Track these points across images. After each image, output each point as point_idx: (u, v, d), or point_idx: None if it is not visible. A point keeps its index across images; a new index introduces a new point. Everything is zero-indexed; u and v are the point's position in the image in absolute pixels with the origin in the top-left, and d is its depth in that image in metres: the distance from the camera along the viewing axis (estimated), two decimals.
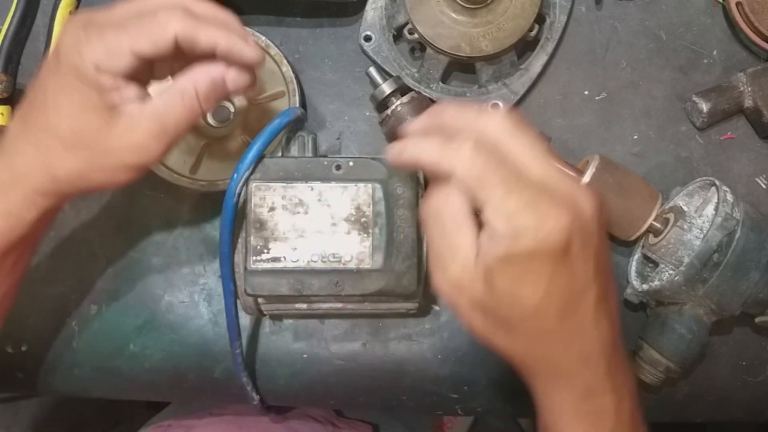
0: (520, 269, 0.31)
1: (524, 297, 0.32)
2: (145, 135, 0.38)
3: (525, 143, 0.33)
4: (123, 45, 0.37)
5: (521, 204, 0.31)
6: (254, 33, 0.55)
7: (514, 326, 0.33)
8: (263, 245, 0.45)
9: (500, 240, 0.31)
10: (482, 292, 0.33)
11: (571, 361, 0.34)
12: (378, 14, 0.57)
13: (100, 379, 0.57)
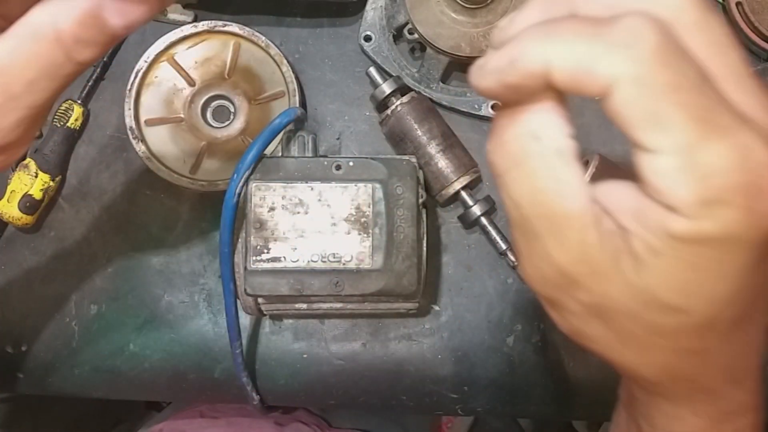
0: (705, 261, 0.20)
1: (692, 306, 0.21)
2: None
3: (723, 43, 0.20)
4: None
5: (731, 159, 0.19)
6: (254, 33, 0.55)
7: (659, 338, 0.22)
8: (263, 245, 0.45)
9: (676, 220, 0.19)
10: (614, 288, 0.21)
11: (724, 380, 0.25)
12: (378, 14, 0.57)
13: (100, 379, 0.57)
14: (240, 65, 0.56)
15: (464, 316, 0.56)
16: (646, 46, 0.19)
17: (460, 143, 0.55)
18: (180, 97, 0.56)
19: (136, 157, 0.55)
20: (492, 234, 0.55)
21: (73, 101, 0.56)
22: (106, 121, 0.58)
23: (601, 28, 0.19)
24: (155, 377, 0.57)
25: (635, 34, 0.19)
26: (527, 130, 0.22)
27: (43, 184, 0.55)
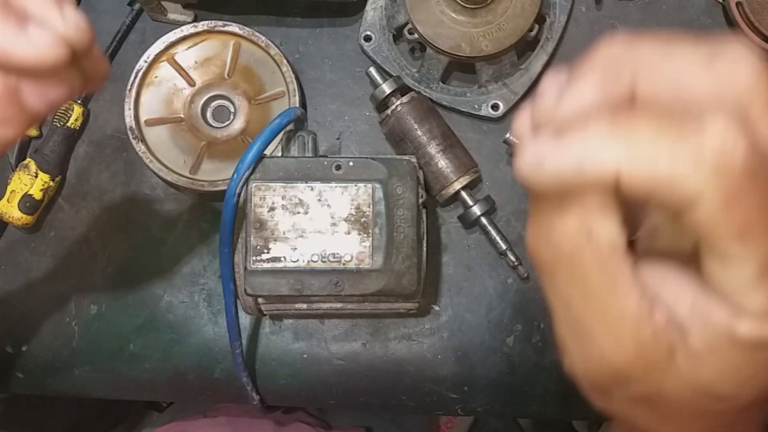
0: (746, 363, 0.21)
1: (730, 393, 0.22)
2: None
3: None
4: None
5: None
6: (254, 33, 0.55)
7: (704, 418, 0.24)
8: (263, 245, 0.45)
9: (734, 321, 0.20)
10: (668, 381, 0.21)
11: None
12: (378, 14, 0.57)
13: (100, 379, 0.57)
14: (240, 65, 0.56)
15: (464, 316, 0.56)
16: (737, 161, 0.18)
17: (460, 143, 0.55)
18: (180, 97, 0.56)
19: (136, 157, 0.55)
20: (492, 234, 0.55)
21: (73, 101, 0.56)
22: (105, 121, 0.58)
23: (684, 132, 0.18)
24: (155, 377, 0.57)
25: (724, 143, 0.18)
26: (581, 227, 0.20)
27: (43, 184, 0.55)
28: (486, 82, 0.56)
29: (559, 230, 0.21)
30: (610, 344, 0.21)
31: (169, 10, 0.57)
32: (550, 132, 0.19)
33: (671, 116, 0.18)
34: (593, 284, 0.21)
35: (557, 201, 0.21)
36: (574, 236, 0.21)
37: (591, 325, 0.21)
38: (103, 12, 0.59)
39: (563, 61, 0.58)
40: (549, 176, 0.20)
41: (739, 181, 0.18)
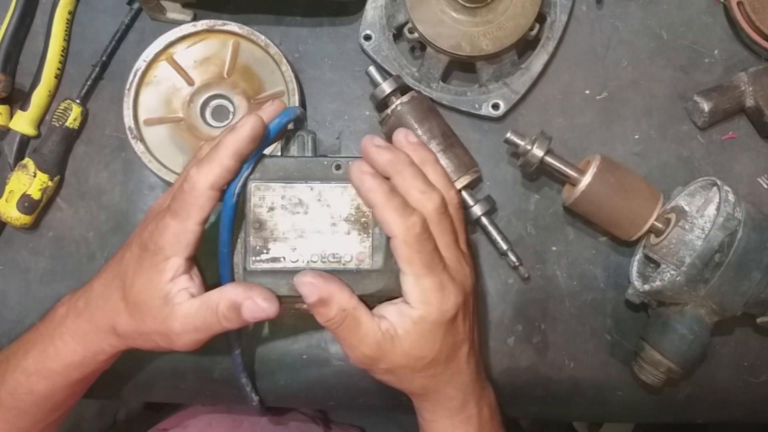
0: (422, 335, 0.42)
1: (425, 354, 0.43)
2: (177, 327, 0.43)
3: (448, 230, 0.43)
4: (188, 226, 0.42)
5: (435, 284, 0.41)
6: (253, 32, 0.55)
7: (414, 374, 0.44)
8: (262, 245, 0.44)
9: (411, 311, 0.42)
10: (395, 356, 0.42)
11: (451, 390, 0.46)
12: (378, 13, 0.56)
13: (99, 380, 0.56)
14: (239, 64, 0.56)
15: None
16: (416, 229, 0.40)
17: (460, 143, 0.54)
18: (179, 97, 0.55)
19: (135, 157, 0.55)
20: (493, 234, 0.54)
21: (72, 101, 0.56)
22: (104, 120, 0.58)
23: (404, 208, 0.41)
24: (154, 378, 0.56)
25: (415, 222, 0.40)
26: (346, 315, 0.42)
27: (42, 183, 0.55)
28: (486, 82, 0.56)
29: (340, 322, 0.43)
30: (362, 346, 0.42)
31: (168, 10, 0.57)
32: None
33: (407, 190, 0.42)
34: (354, 328, 0.42)
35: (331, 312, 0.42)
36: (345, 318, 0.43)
37: (354, 341, 0.42)
38: (102, 11, 0.58)
39: (564, 61, 0.58)
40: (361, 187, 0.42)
41: (414, 241, 0.40)
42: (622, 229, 0.52)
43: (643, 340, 0.52)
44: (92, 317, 0.46)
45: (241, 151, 0.41)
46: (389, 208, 0.40)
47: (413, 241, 0.40)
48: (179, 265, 0.43)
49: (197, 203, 0.41)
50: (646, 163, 0.57)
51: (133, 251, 0.44)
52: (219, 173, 0.41)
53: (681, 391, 0.57)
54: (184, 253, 0.43)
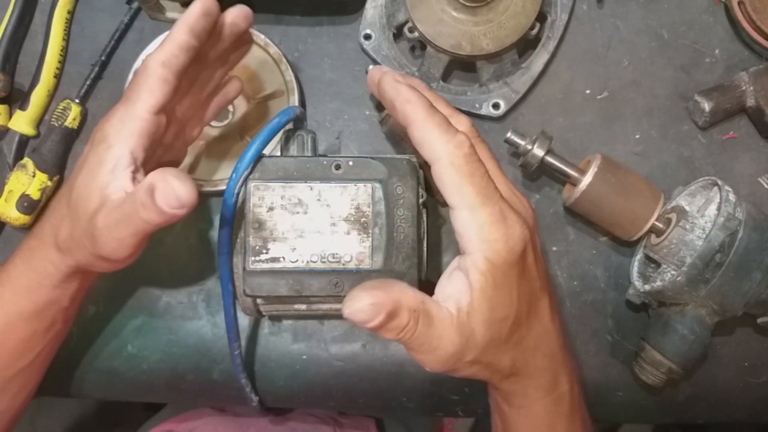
0: (496, 286, 0.35)
1: (507, 314, 0.36)
2: (100, 222, 0.37)
3: (489, 155, 0.38)
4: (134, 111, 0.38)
5: (496, 214, 0.35)
6: (253, 32, 0.55)
7: (500, 349, 0.37)
8: (262, 245, 0.44)
9: (475, 258, 0.35)
10: (477, 338, 0.35)
11: (541, 359, 0.39)
12: (378, 12, 0.56)
13: (98, 381, 0.56)
14: (239, 64, 0.55)
15: None
16: (466, 142, 0.35)
17: None
18: None
19: None
20: None
21: (71, 100, 0.56)
22: None
23: (448, 123, 0.36)
24: (153, 378, 0.56)
25: (462, 135, 0.35)
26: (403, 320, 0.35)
27: (41, 183, 0.55)
28: (487, 81, 0.55)
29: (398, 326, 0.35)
30: (447, 341, 0.35)
31: (167, 9, 0.57)
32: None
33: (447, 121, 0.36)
34: (424, 330, 0.35)
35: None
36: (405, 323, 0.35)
37: (428, 345, 0.35)
38: (101, 10, 0.58)
39: (565, 60, 0.58)
40: (394, 99, 0.37)
41: (466, 157, 0.34)
42: (622, 229, 0.52)
43: (644, 341, 0.52)
44: (40, 232, 0.42)
45: (192, 25, 0.38)
46: (432, 123, 0.35)
47: (463, 163, 0.34)
48: (121, 156, 0.38)
49: (146, 83, 0.38)
50: (647, 162, 0.57)
51: (84, 151, 0.40)
52: (170, 49, 0.38)
53: (682, 392, 0.57)
54: (128, 142, 0.38)
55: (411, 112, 0.35)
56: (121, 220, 0.37)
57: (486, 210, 0.34)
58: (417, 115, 0.35)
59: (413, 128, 0.35)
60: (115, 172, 0.38)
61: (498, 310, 0.35)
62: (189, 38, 0.38)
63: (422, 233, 0.47)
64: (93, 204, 0.37)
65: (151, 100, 0.38)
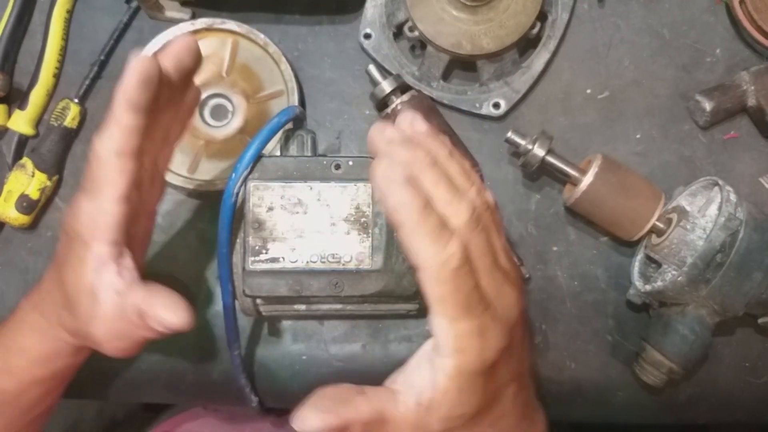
0: (461, 391, 0.34)
1: (466, 411, 0.35)
2: (100, 333, 0.38)
3: (485, 250, 0.34)
4: (102, 206, 0.36)
5: (473, 329, 0.33)
6: (252, 31, 0.54)
7: (457, 427, 0.36)
8: (262, 245, 0.44)
9: (445, 364, 0.34)
10: (433, 429, 0.35)
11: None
12: (378, 12, 0.56)
13: (98, 381, 0.56)
14: (238, 63, 0.55)
15: None
16: (452, 264, 0.31)
17: (461, 142, 0.54)
18: None
19: None
20: None
21: (70, 100, 0.56)
22: (103, 119, 0.57)
23: (439, 236, 0.31)
24: (153, 379, 0.56)
25: (451, 256, 0.31)
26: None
27: (40, 183, 0.54)
28: (487, 81, 0.55)
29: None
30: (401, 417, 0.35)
31: (166, 8, 0.56)
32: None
33: (443, 205, 0.33)
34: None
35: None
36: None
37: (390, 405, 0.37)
38: (100, 10, 0.58)
39: (565, 59, 0.57)
40: (384, 199, 0.32)
41: (449, 280, 0.31)
42: (623, 229, 0.52)
43: (645, 341, 0.52)
44: (44, 312, 0.43)
45: (134, 100, 0.34)
46: (421, 233, 0.31)
47: (449, 278, 0.31)
48: (102, 254, 0.37)
49: (106, 177, 0.35)
50: (648, 162, 0.57)
51: (61, 239, 0.39)
52: (119, 136, 0.35)
53: (682, 392, 0.56)
54: (104, 237, 0.36)
55: (400, 216, 0.31)
56: (119, 336, 0.38)
57: (465, 324, 0.33)
58: (406, 221, 0.31)
59: (401, 232, 0.31)
60: (99, 271, 0.37)
61: (458, 409, 0.35)
62: (135, 117, 0.35)
63: None
64: (85, 306, 0.37)
65: (115, 192, 0.36)
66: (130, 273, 0.38)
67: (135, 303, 0.37)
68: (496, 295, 0.34)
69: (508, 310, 0.35)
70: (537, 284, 0.56)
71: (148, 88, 0.34)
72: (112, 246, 0.37)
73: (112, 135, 0.34)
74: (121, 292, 0.37)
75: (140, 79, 0.34)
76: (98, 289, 0.37)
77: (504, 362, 0.35)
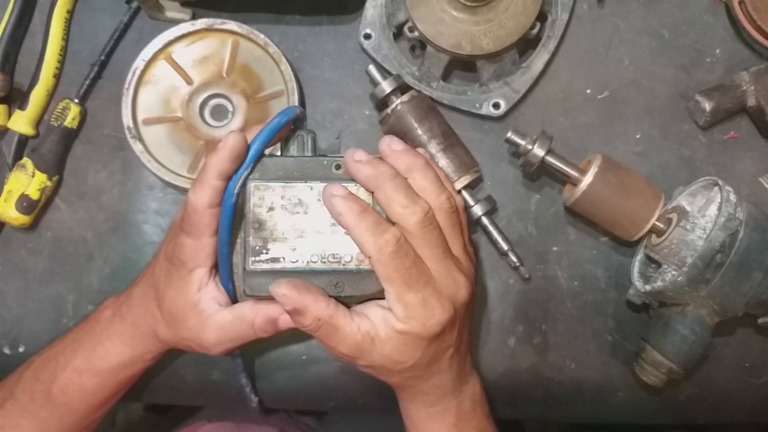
0: (404, 343, 0.43)
1: (405, 360, 0.43)
2: (212, 338, 0.46)
3: (434, 242, 0.42)
4: (202, 242, 0.45)
5: (417, 300, 0.42)
6: (253, 31, 0.54)
7: (394, 373, 0.45)
8: (262, 245, 0.44)
9: (395, 322, 0.42)
10: (374, 357, 0.43)
11: (429, 387, 0.47)
12: (378, 12, 0.56)
13: None
14: (238, 63, 0.55)
15: None
16: (389, 248, 0.41)
17: (460, 142, 0.54)
18: (178, 96, 0.55)
19: (134, 157, 0.54)
20: (493, 234, 0.54)
21: (71, 100, 0.56)
22: (103, 120, 0.58)
23: (378, 227, 0.42)
24: (153, 379, 0.56)
25: (388, 242, 0.41)
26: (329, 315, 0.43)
27: (40, 183, 0.54)
28: (487, 81, 0.55)
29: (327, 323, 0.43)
30: (344, 347, 0.43)
31: (166, 8, 0.56)
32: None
33: (385, 200, 0.43)
34: (338, 326, 0.43)
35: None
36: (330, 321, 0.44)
37: (335, 335, 0.43)
38: (100, 10, 0.58)
39: (565, 60, 0.57)
40: (336, 206, 0.43)
41: (389, 260, 0.41)
42: (623, 229, 0.52)
43: (645, 341, 0.52)
44: (135, 323, 0.48)
45: (224, 171, 0.43)
46: (360, 229, 0.41)
47: (388, 260, 0.41)
48: (203, 275, 0.46)
49: (202, 221, 0.44)
50: (648, 162, 0.57)
51: (161, 264, 0.47)
52: (210, 194, 0.43)
53: (682, 392, 0.56)
54: (205, 264, 0.45)
55: (343, 222, 0.42)
56: (236, 339, 0.46)
57: (408, 296, 0.41)
58: (348, 224, 0.42)
59: (349, 233, 0.42)
60: (203, 291, 0.46)
61: (396, 356, 0.43)
62: (222, 181, 0.43)
63: None
64: (191, 319, 0.46)
65: (210, 230, 0.44)
66: (221, 287, 0.47)
67: (267, 314, 0.45)
68: (443, 278, 0.43)
69: (455, 291, 0.43)
70: (537, 284, 0.56)
71: (234, 163, 0.43)
72: (210, 270, 0.46)
73: (205, 193, 0.43)
74: (221, 303, 0.46)
75: (231, 156, 0.43)
76: (202, 304, 0.46)
77: (448, 332, 0.44)
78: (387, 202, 0.42)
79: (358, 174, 0.43)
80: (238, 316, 0.46)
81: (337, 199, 0.42)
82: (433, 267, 0.43)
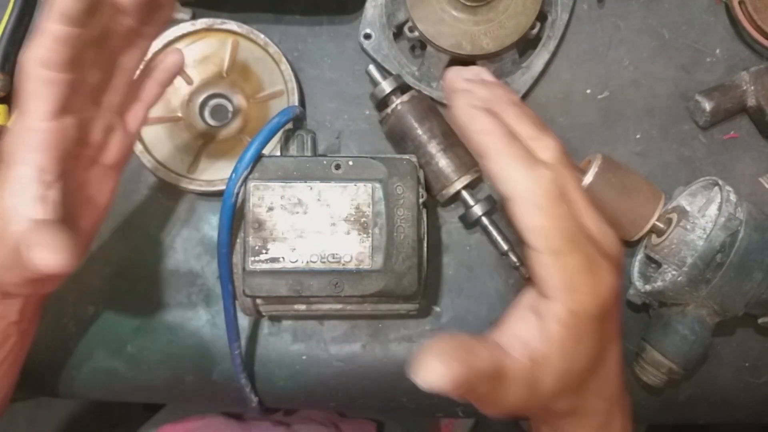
0: (572, 337, 0.31)
1: (580, 366, 0.32)
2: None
3: (578, 186, 0.32)
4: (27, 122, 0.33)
5: (583, 262, 0.30)
6: (252, 31, 0.54)
7: (563, 392, 0.33)
8: (262, 245, 0.44)
9: (556, 306, 0.30)
10: (545, 386, 0.31)
11: (599, 401, 0.35)
12: (378, 12, 0.56)
13: (97, 381, 0.56)
14: (238, 63, 0.55)
15: (465, 317, 0.56)
16: (544, 185, 0.30)
17: (460, 142, 0.54)
18: (178, 96, 0.55)
19: (134, 156, 0.54)
20: (493, 234, 0.54)
21: None
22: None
23: (529, 160, 0.30)
24: (153, 379, 0.56)
25: (543, 176, 0.30)
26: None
27: None
28: None
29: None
30: (512, 396, 0.31)
31: None
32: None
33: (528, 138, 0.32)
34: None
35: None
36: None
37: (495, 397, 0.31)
38: None
39: (565, 60, 0.57)
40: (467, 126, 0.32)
41: (547, 204, 0.30)
42: (623, 229, 0.52)
43: (645, 341, 0.52)
44: None
45: (64, 10, 0.31)
46: (510, 156, 0.30)
47: (547, 202, 0.29)
48: (23, 176, 0.33)
49: (31, 89, 0.33)
50: (648, 162, 0.57)
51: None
52: (45, 44, 0.32)
53: (682, 392, 0.56)
54: (27, 158, 0.33)
55: (486, 142, 0.30)
56: (8, 266, 0.34)
57: (573, 257, 0.30)
58: (493, 147, 0.30)
59: (488, 161, 0.30)
60: (20, 195, 0.33)
61: (572, 363, 0.32)
62: (63, 27, 0.31)
63: (422, 233, 0.47)
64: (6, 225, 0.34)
65: (40, 107, 0.33)
66: (51, 207, 0.33)
67: (19, 235, 0.32)
68: (600, 232, 0.31)
69: (615, 248, 0.32)
70: None
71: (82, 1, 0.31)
72: (37, 170, 0.33)
73: (38, 43, 0.31)
74: (30, 220, 0.33)
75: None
76: (11, 213, 0.33)
77: (615, 310, 0.32)
78: (511, 160, 0.30)
79: (473, 91, 0.33)
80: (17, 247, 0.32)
81: (481, 113, 0.31)
82: (585, 216, 0.32)
